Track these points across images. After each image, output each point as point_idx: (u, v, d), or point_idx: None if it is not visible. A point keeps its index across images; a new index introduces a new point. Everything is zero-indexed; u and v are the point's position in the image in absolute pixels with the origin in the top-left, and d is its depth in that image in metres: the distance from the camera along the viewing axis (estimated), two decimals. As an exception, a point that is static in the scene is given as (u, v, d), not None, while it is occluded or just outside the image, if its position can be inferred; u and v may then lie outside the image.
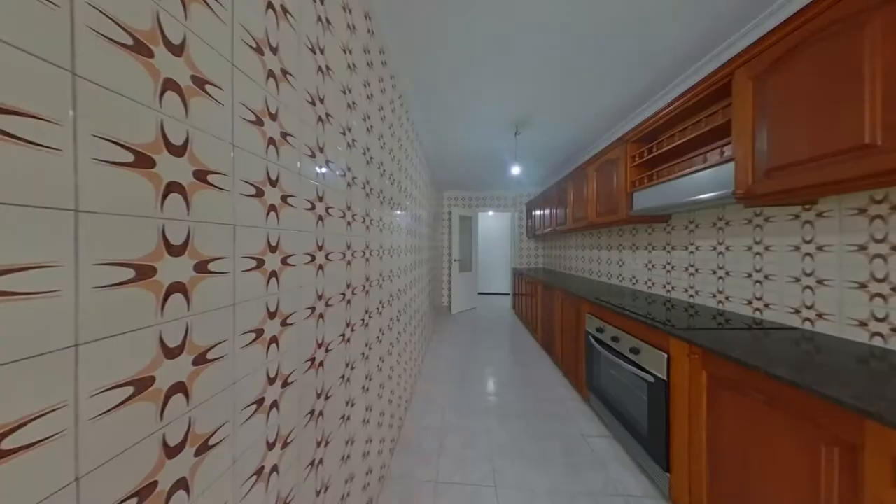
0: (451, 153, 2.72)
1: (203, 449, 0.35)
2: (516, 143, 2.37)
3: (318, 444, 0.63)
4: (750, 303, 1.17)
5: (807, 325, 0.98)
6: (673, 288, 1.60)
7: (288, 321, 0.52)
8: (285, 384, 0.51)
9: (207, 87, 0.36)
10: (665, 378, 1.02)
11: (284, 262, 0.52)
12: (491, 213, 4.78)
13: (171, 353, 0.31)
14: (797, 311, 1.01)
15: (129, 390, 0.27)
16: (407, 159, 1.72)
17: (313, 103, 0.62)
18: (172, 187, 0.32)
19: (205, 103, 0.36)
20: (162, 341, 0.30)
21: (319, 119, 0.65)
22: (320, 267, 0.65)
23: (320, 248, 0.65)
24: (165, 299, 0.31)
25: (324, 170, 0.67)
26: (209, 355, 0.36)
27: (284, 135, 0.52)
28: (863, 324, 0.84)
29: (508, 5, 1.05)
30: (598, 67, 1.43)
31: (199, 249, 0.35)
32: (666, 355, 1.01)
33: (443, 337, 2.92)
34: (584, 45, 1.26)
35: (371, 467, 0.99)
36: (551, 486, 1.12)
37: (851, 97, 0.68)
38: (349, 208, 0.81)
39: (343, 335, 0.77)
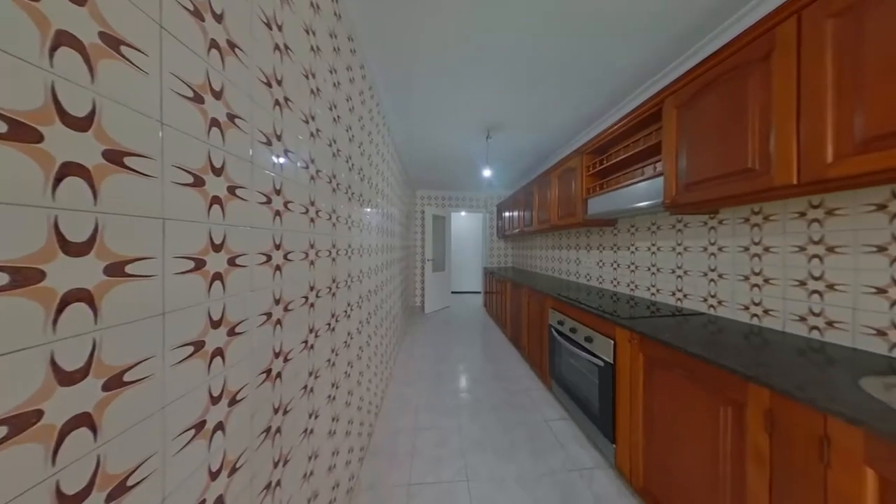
0: (425, 152, 2.69)
1: (119, 491, 0.29)
2: (488, 146, 2.43)
3: (276, 464, 0.57)
4: (674, 294, 1.37)
5: (711, 311, 1.17)
6: (618, 283, 1.79)
7: (236, 330, 0.46)
8: (233, 402, 0.45)
9: (124, 48, 0.30)
10: (612, 362, 1.13)
11: (232, 262, 0.45)
12: (463, 213, 4.84)
13: (68, 378, 0.25)
14: (705, 300, 1.21)
15: None
16: (378, 155, 1.66)
17: (269, 84, 0.56)
18: (70, 169, 0.25)
19: (120, 69, 0.29)
20: (54, 364, 0.24)
21: (277, 103, 0.59)
22: (278, 268, 0.58)
23: (278, 247, 0.59)
24: (60, 311, 0.24)
25: (282, 160, 0.60)
26: (127, 377, 0.30)
27: (232, 117, 0.46)
28: (745, 308, 1.04)
29: (482, 12, 1.07)
30: (562, 82, 1.53)
31: (113, 248, 0.28)
32: (612, 342, 1.13)
33: (416, 337, 2.88)
34: (551, 59, 1.34)
35: (338, 480, 0.93)
36: (519, 473, 1.18)
37: (741, 130, 0.84)
38: (313, 204, 0.75)
39: (306, 342, 0.71)
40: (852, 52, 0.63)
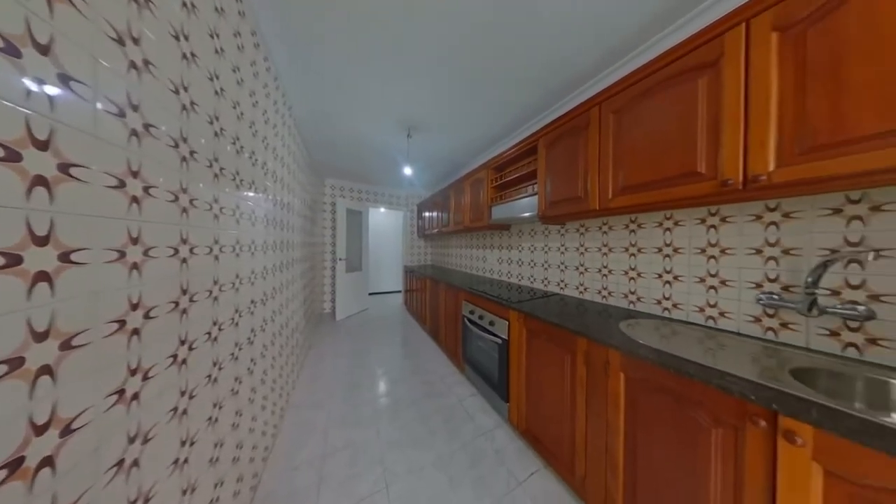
0: (339, 138, 2.49)
1: None
2: (409, 144, 2.51)
3: None
4: (544, 281, 1.93)
5: (577, 294, 1.69)
6: (511, 275, 2.31)
7: (73, 343, 0.38)
8: (67, 432, 0.37)
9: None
10: (507, 338, 1.47)
11: (65, 258, 0.37)
12: (383, 209, 4.69)
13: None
14: (573, 286, 1.74)
15: None
16: (276, 137, 1.47)
17: (121, 42, 0.47)
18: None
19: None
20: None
21: (133, 65, 0.49)
22: (135, 266, 0.49)
23: (134, 241, 0.49)
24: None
25: (139, 133, 0.51)
26: None
27: (65, 78, 0.37)
28: (601, 292, 1.55)
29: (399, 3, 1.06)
30: (475, 99, 1.80)
31: None
32: (507, 322, 1.47)
33: (324, 349, 2.59)
34: (467, 75, 1.54)
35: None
36: (437, 455, 1.30)
37: (574, 171, 1.30)
38: (185, 190, 0.64)
39: (175, 356, 0.61)
40: (607, 140, 1.13)
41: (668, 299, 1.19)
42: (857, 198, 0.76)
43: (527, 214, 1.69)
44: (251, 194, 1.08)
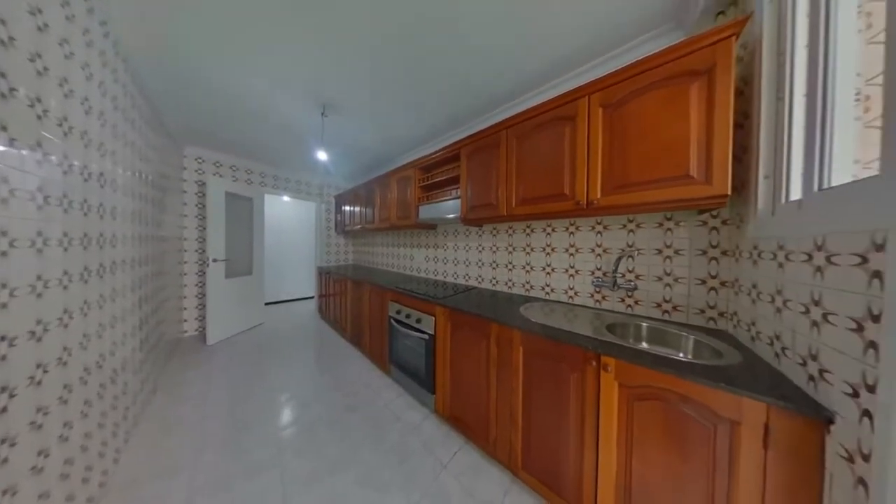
0: (211, 94, 1.81)
1: None
2: (324, 124, 2.20)
3: None
4: (465, 277, 2.18)
5: (491, 287, 1.99)
6: (438, 273, 2.49)
7: None
8: None
9: None
10: (433, 333, 1.60)
11: None
12: (287, 198, 3.87)
13: None
14: (488, 280, 2.04)
15: None
16: (89, 81, 1.06)
17: None
18: None
19: None
20: None
21: None
22: None
23: None
24: None
25: None
26: None
27: None
28: (507, 284, 1.89)
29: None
30: (397, 99, 1.83)
31: None
32: (433, 318, 1.60)
33: (183, 389, 1.87)
34: (390, 72, 1.55)
35: None
36: (364, 470, 1.25)
37: (489, 181, 1.55)
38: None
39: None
40: (516, 155, 1.41)
41: (549, 286, 1.60)
42: (632, 219, 1.27)
43: (451, 216, 1.87)
44: (22, 153, 0.72)
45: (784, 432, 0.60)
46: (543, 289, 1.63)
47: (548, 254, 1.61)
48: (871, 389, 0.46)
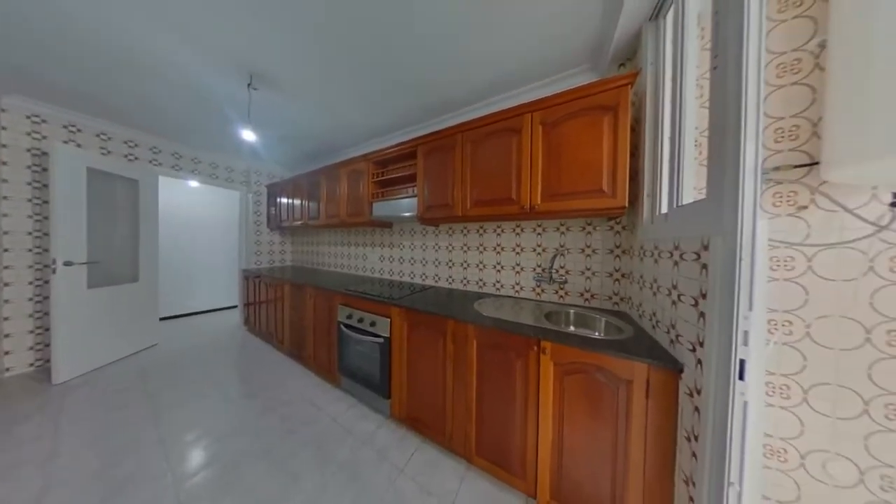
0: (72, 25, 1.26)
1: None
2: (250, 97, 1.83)
3: None
4: (422, 276, 2.22)
5: (447, 285, 2.07)
6: (393, 273, 2.46)
7: None
8: None
9: None
10: (389, 335, 1.59)
11: None
12: (195, 183, 3.14)
13: None
14: (444, 279, 2.11)
15: None
16: None
17: None
18: None
19: None
20: None
21: None
22: None
23: None
24: None
25: None
26: None
27: None
28: (462, 282, 2.00)
29: None
30: (357, 86, 1.73)
31: None
32: (389, 320, 1.59)
33: (14, 452, 1.33)
34: (338, 46, 1.45)
35: None
36: (305, 498, 1.13)
37: (446, 181, 1.62)
38: None
39: None
40: (472, 160, 1.50)
41: (499, 282, 1.78)
42: (563, 223, 1.52)
43: (408, 214, 1.87)
44: None
45: (657, 383, 0.83)
46: (494, 285, 1.79)
47: (498, 252, 1.78)
48: (702, 345, 0.69)
